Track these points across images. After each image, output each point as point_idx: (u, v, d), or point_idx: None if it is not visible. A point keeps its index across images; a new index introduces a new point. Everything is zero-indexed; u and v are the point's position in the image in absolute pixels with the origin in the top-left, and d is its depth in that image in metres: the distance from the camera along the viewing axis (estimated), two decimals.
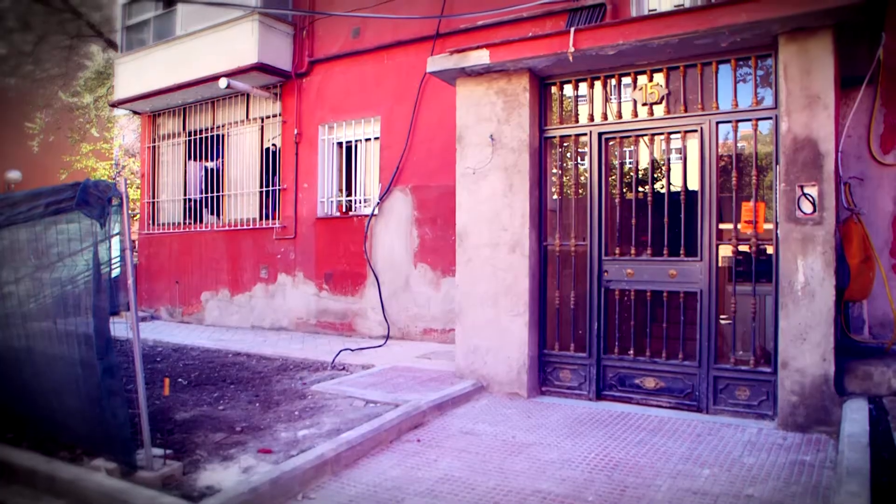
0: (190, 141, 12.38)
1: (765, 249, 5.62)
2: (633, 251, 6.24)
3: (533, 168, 6.48)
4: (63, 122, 20.96)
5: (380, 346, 8.96)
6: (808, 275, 5.15)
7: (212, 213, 12.02)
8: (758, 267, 5.59)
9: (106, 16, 19.21)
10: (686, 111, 5.96)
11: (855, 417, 4.61)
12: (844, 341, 5.94)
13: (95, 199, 3.96)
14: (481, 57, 6.34)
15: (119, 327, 4.38)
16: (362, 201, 10.27)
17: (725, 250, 5.97)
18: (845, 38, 5.32)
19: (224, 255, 11.60)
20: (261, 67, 10.30)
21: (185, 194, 12.49)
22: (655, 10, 7.73)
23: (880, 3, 4.87)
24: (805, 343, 5.12)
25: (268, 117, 11.30)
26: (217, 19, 10.65)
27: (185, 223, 12.40)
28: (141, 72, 12.01)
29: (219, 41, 10.69)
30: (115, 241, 4.18)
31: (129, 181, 18.89)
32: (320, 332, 10.33)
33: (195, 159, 12.38)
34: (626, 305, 6.33)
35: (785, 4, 5.06)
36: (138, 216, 13.35)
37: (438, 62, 6.63)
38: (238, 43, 10.40)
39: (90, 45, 20.52)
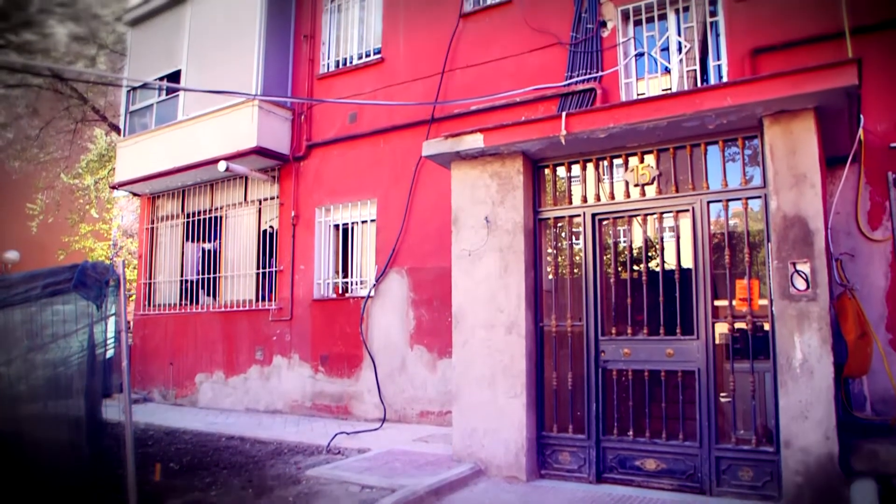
0: (188, 222, 12.51)
1: (761, 326, 5.62)
2: (629, 330, 6.23)
3: (528, 249, 6.55)
4: (63, 203, 21.20)
5: (376, 429, 8.80)
6: (805, 351, 5.13)
7: (208, 295, 12.02)
8: (755, 344, 5.58)
9: (111, 101, 19.73)
10: (677, 191, 6.08)
11: (864, 499, 4.50)
12: (847, 419, 5.86)
13: (93, 281, 3.98)
14: (476, 141, 6.51)
15: (111, 410, 4.32)
16: (359, 283, 10.30)
17: (722, 328, 5.96)
18: (827, 119, 5.50)
19: (219, 337, 11.52)
20: (260, 151, 10.52)
21: (182, 275, 12.51)
22: (644, 94, 8.01)
23: (858, 87, 5.06)
24: (807, 421, 5.06)
25: (265, 199, 11.46)
26: (218, 105, 10.94)
27: (181, 304, 12.38)
28: (142, 155, 12.24)
29: (219, 125, 10.96)
30: (111, 322, 4.18)
31: (126, 262, 18.98)
32: (316, 415, 10.15)
33: (193, 241, 12.47)
34: (623, 385, 6.26)
35: (767, 89, 5.25)
36: (134, 297, 13.32)
37: (434, 146, 6.79)
38: (238, 127, 10.66)
39: (94, 129, 20.98)
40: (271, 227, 11.35)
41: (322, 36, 11.15)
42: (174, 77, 12.04)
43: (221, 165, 10.51)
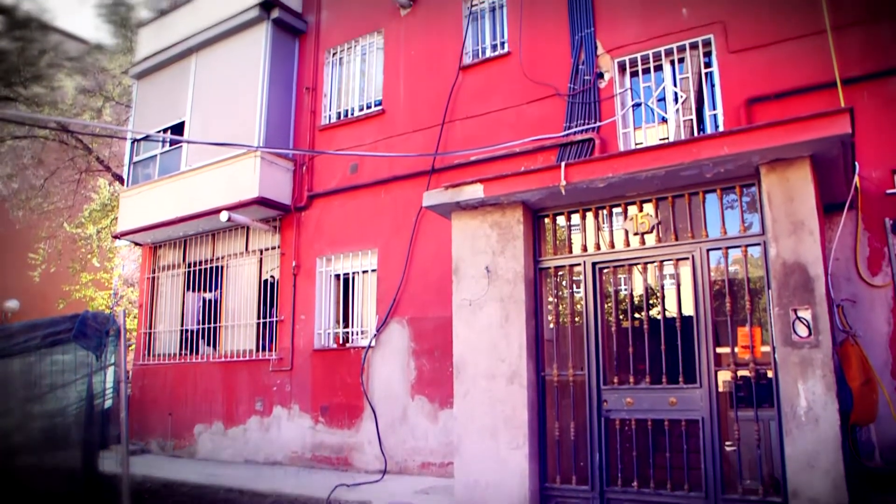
0: (189, 272, 12.53)
1: (765, 373, 5.58)
2: (631, 379, 6.19)
3: (529, 298, 6.55)
4: (65, 252, 21.26)
5: (377, 480, 8.65)
6: (809, 399, 5.09)
7: (208, 345, 11.96)
8: (759, 392, 5.53)
9: (115, 151, 19.97)
10: (677, 239, 6.12)
11: None
12: (855, 467, 5.77)
13: (93, 331, 3.98)
14: (476, 191, 6.57)
15: (108, 461, 4.26)
16: (359, 333, 10.26)
17: (725, 375, 5.93)
18: (823, 167, 5.57)
19: (219, 387, 11.43)
20: (261, 201, 10.60)
21: (182, 325, 12.48)
22: (642, 143, 8.12)
23: (851, 136, 5.14)
24: (814, 470, 4.99)
25: (267, 249, 11.50)
26: (221, 156, 11.06)
27: (181, 354, 12.31)
28: (145, 205, 12.34)
29: (221, 176, 11.07)
30: (110, 372, 4.16)
31: (127, 311, 18.95)
32: (316, 467, 9.99)
33: (194, 290, 12.47)
34: (627, 435, 6.19)
35: (763, 138, 5.34)
36: (134, 346, 13.26)
37: (434, 196, 6.85)
38: (240, 178, 10.76)
39: (98, 179, 21.17)
40: (272, 276, 11.37)
41: (324, 88, 11.35)
42: (178, 128, 12.23)
43: (223, 216, 10.58)
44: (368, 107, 10.80)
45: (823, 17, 7.20)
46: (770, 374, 5.51)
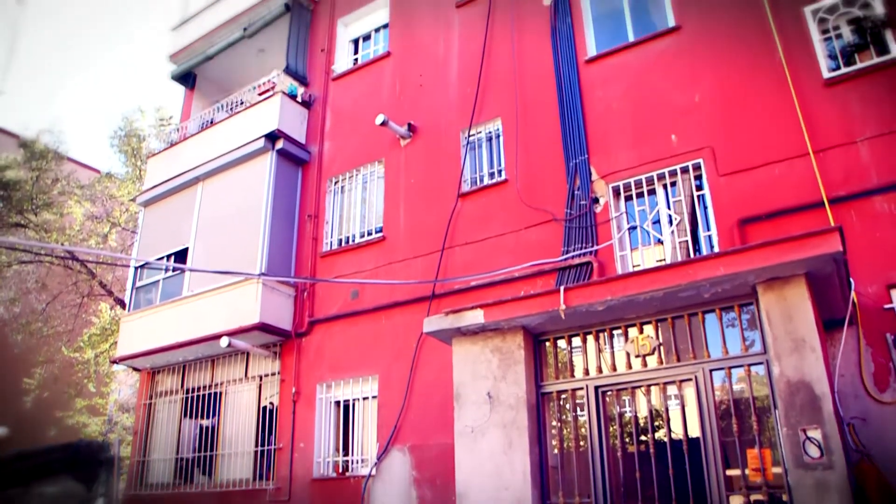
0: (187, 398, 12.33)
1: (780, 497, 5.40)
2: None
3: (531, 424, 6.44)
4: (62, 377, 21.02)
5: None
6: None
7: (203, 474, 11.59)
8: None
9: (118, 276, 20.19)
10: (679, 360, 6.09)
11: None
12: None
13: (86, 462, 3.90)
14: (476, 317, 6.61)
15: None
16: (359, 461, 9.97)
17: (737, 501, 5.72)
18: (819, 284, 5.64)
19: None
20: (262, 327, 10.60)
21: (177, 453, 12.14)
22: (639, 265, 8.23)
23: (843, 253, 5.23)
24: None
25: (266, 375, 11.38)
26: (222, 282, 11.16)
27: (174, 484, 11.90)
28: (145, 330, 12.32)
29: (223, 302, 11.13)
30: None
31: (121, 439, 18.48)
32: None
33: (191, 417, 12.23)
34: None
35: (757, 258, 5.44)
36: (126, 475, 12.83)
37: (435, 323, 6.88)
38: (241, 304, 10.81)
39: (100, 303, 21.26)
40: (271, 403, 11.18)
41: (326, 215, 11.62)
42: (182, 254, 12.42)
43: (223, 341, 10.56)
44: (369, 233, 11.02)
45: (805, 141, 7.51)
46: (785, 497, 5.32)
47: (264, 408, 11.22)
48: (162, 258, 12.74)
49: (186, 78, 15.22)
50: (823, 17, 8.02)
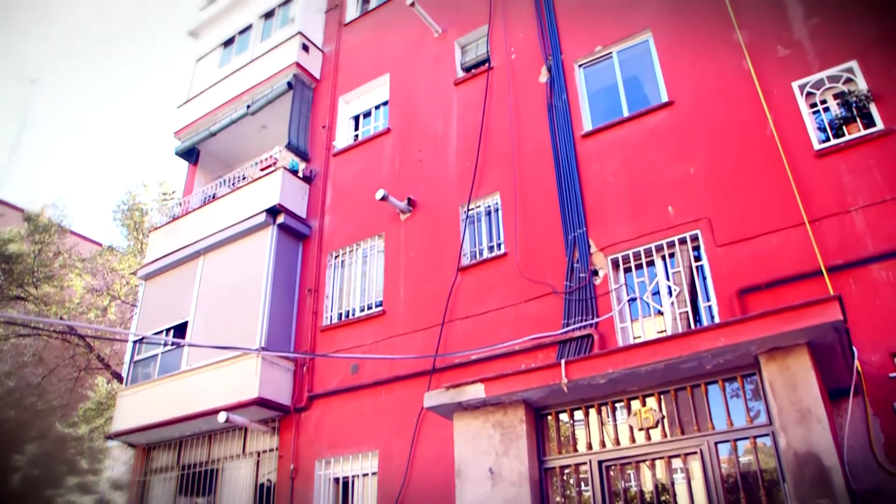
0: (182, 475, 12.05)
1: None
2: None
3: (535, 500, 6.31)
4: (54, 453, 20.60)
5: None
6: None
7: None
8: None
9: (116, 349, 20.08)
10: (683, 433, 6.00)
11: None
12: None
13: None
14: (477, 391, 6.55)
15: None
16: None
17: None
18: (822, 353, 5.62)
19: None
20: (261, 402, 10.45)
21: None
22: (640, 337, 8.20)
23: (843, 322, 5.22)
24: None
25: (264, 451, 11.15)
26: (221, 356, 11.07)
27: None
28: (142, 404, 12.14)
29: (221, 376, 11.02)
30: None
31: None
32: None
33: (186, 495, 11.92)
34: None
35: (758, 328, 5.44)
36: None
37: (435, 397, 6.81)
38: (240, 378, 10.69)
39: (96, 377, 21.06)
40: (269, 480, 10.92)
41: (326, 289, 11.62)
42: (181, 328, 12.37)
43: (221, 416, 10.40)
44: (369, 307, 11.00)
45: (800, 210, 7.60)
46: None
47: (262, 485, 10.96)
48: (161, 332, 12.69)
49: (190, 153, 15.51)
50: (811, 92, 8.26)
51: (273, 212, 11.92)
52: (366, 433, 9.95)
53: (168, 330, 12.62)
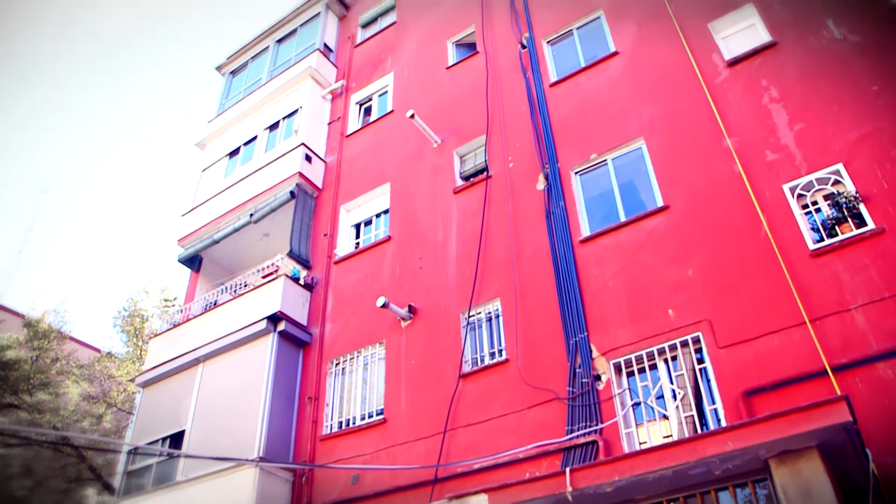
0: None
1: None
2: None
3: None
4: None
5: None
6: None
7: None
8: None
9: (110, 459, 19.48)
10: None
11: None
12: None
13: None
14: (480, 502, 6.39)
15: None
16: None
17: None
18: (833, 456, 5.47)
19: None
20: None
21: None
22: (645, 442, 8.02)
23: (853, 423, 5.11)
24: None
25: None
26: (218, 466, 10.78)
27: None
28: None
29: (218, 488, 10.67)
30: None
31: None
32: None
33: None
34: None
35: (766, 431, 5.35)
36: None
37: None
38: (238, 491, 10.29)
39: (87, 489, 20.34)
40: None
41: (326, 397, 11.46)
42: (178, 437, 12.10)
43: None
44: (370, 416, 10.82)
45: (800, 310, 7.61)
46: None
47: None
48: (157, 441, 12.42)
49: (193, 261, 15.68)
50: (801, 193, 8.47)
51: (274, 319, 11.92)
52: None
53: (164, 439, 12.35)
